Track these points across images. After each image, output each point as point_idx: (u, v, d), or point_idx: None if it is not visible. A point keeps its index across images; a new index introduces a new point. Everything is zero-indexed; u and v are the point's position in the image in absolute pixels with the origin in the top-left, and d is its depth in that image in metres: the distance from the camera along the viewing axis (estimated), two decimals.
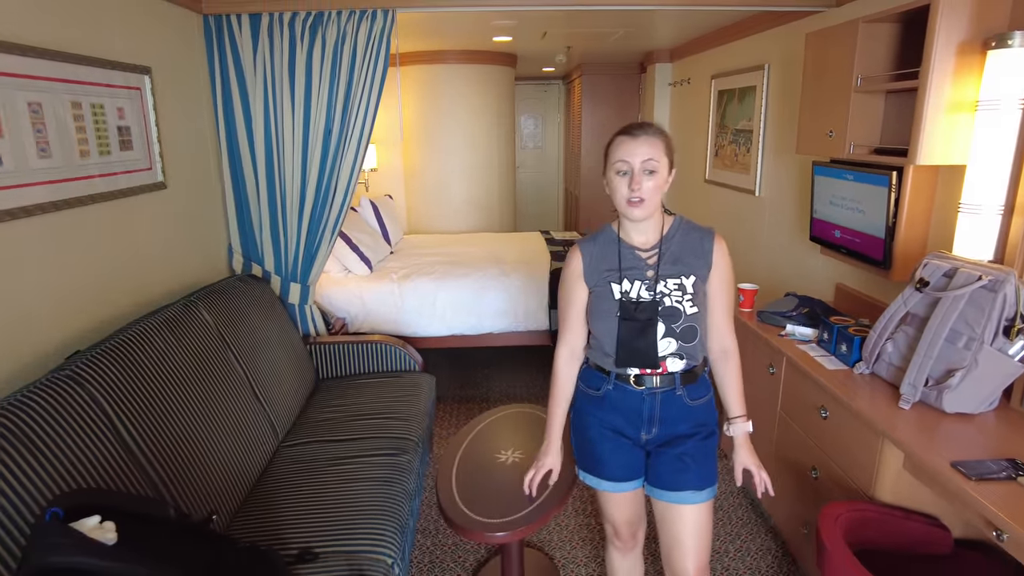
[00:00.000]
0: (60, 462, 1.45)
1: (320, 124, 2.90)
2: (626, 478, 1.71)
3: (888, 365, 2.07)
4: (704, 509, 1.65)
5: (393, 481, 2.10)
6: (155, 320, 2.06)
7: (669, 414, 1.64)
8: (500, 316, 3.71)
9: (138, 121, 2.34)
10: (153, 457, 1.73)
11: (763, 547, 2.52)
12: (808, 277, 3.17)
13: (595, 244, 1.67)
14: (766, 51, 3.61)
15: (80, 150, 2.01)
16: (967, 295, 1.83)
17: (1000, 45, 1.84)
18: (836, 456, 2.07)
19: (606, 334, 1.63)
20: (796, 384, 2.32)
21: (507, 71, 5.78)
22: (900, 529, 1.79)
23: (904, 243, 2.33)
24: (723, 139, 4.21)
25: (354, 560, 1.74)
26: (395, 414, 2.56)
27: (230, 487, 1.97)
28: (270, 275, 3.08)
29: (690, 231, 1.64)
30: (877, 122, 2.40)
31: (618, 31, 4.35)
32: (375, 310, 3.62)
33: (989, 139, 1.92)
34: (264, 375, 2.44)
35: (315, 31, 2.82)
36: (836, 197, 2.66)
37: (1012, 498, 1.46)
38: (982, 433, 1.77)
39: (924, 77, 1.97)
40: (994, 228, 1.96)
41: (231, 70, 2.87)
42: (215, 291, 2.50)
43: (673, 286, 1.58)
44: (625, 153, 1.53)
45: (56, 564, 1.08)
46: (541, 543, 2.56)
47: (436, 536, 2.60)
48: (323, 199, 2.98)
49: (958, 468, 1.57)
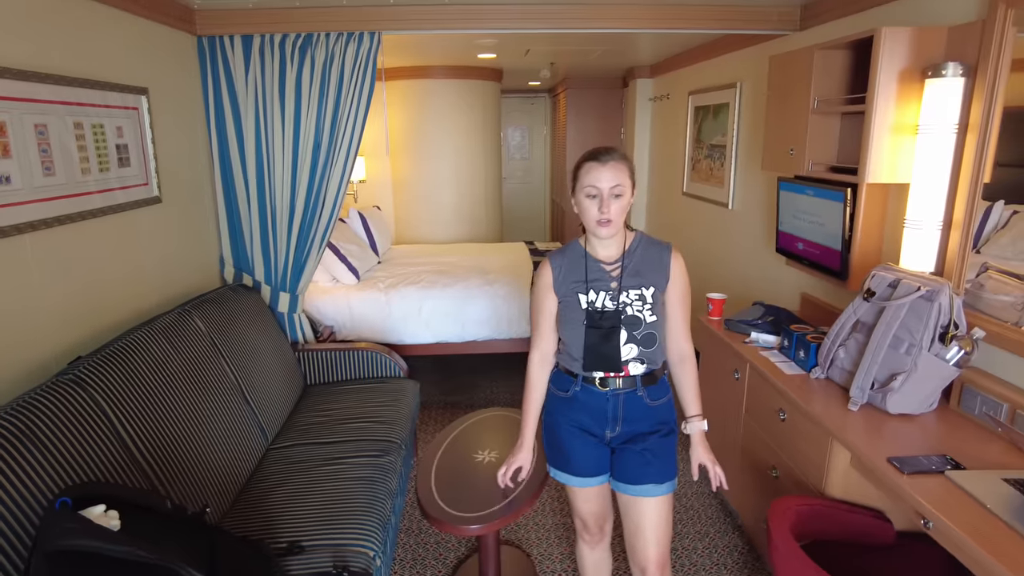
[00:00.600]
0: (64, 458, 1.57)
1: (309, 140, 3.03)
2: (593, 473, 1.84)
3: (841, 370, 2.21)
4: (664, 501, 1.79)
5: (376, 480, 2.22)
6: (152, 328, 2.18)
7: (631, 413, 1.78)
8: (484, 324, 3.84)
9: (136, 139, 2.46)
10: (150, 456, 1.85)
11: (730, 544, 2.65)
12: (776, 287, 3.33)
13: (564, 257, 1.81)
14: (739, 70, 3.78)
15: (81, 168, 2.13)
16: (908, 304, 1.98)
17: (936, 75, 2.00)
18: (793, 456, 2.21)
19: (574, 340, 1.77)
20: (758, 389, 2.46)
21: (492, 85, 5.95)
22: (846, 521, 1.93)
23: (859, 255, 2.48)
24: (699, 153, 4.38)
25: (339, 552, 1.86)
26: (379, 418, 2.68)
27: (222, 485, 2.09)
28: (260, 285, 3.21)
29: (650, 246, 1.78)
30: (833, 141, 2.56)
31: (598, 49, 4.52)
32: (362, 318, 3.75)
33: (928, 160, 2.08)
34: (254, 380, 2.56)
35: (304, 52, 2.95)
36: (799, 211, 2.81)
37: (939, 490, 1.60)
38: (922, 432, 1.92)
39: (870, 101, 2.13)
40: (935, 242, 2.12)
41: (224, 89, 3.00)
42: (208, 300, 2.62)
43: (634, 296, 1.72)
44: (594, 179, 1.66)
45: (66, 546, 1.20)
46: (519, 540, 2.68)
47: (419, 535, 2.71)
48: (312, 211, 3.11)
49: (893, 463, 1.71)
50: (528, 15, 3.01)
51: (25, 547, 1.38)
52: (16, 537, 1.38)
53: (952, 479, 1.63)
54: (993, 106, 1.90)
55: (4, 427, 1.48)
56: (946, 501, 1.55)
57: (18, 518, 1.39)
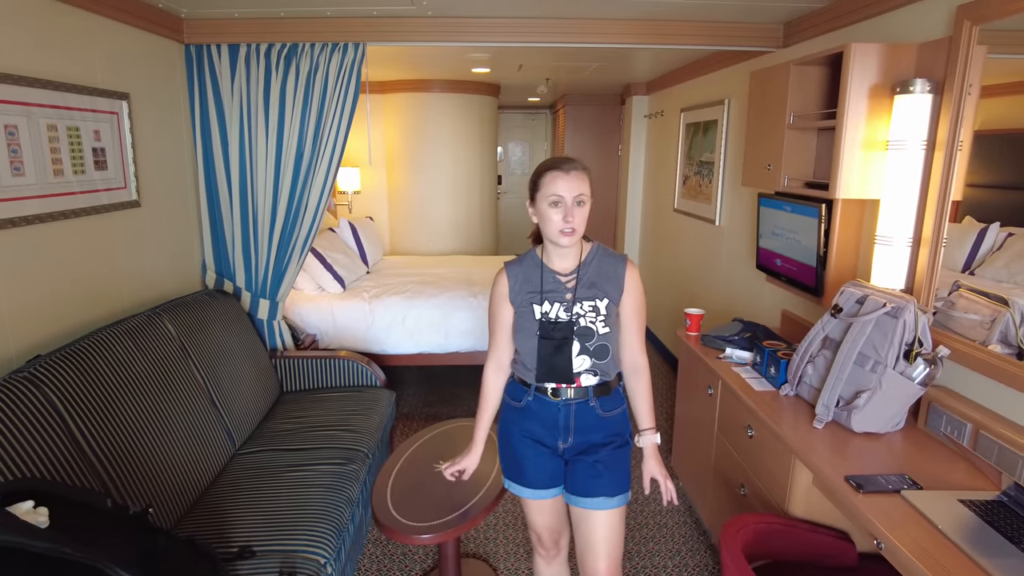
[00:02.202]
0: (10, 456, 1.57)
1: (292, 148, 3.06)
2: (546, 485, 1.82)
3: (809, 387, 2.18)
4: (616, 514, 1.76)
5: (336, 488, 2.20)
6: (117, 329, 2.19)
7: (583, 424, 1.75)
8: (468, 335, 3.83)
9: (114, 143, 2.49)
10: (104, 456, 1.84)
11: (701, 563, 2.61)
12: (758, 303, 3.30)
13: (521, 268, 1.80)
14: (727, 87, 3.78)
15: (54, 169, 2.16)
16: (873, 321, 1.96)
17: (904, 91, 1.99)
18: (759, 473, 2.17)
19: (528, 351, 1.75)
20: (729, 405, 2.43)
21: (490, 100, 5.98)
22: (807, 541, 1.89)
23: (834, 271, 2.46)
24: (690, 170, 4.37)
25: (288, 558, 1.84)
26: (349, 426, 2.67)
27: (180, 488, 2.08)
28: (241, 291, 3.22)
29: (605, 257, 1.77)
30: (810, 157, 2.55)
31: (591, 65, 4.54)
32: (345, 327, 3.75)
33: (898, 176, 2.06)
34: (224, 385, 2.56)
35: (289, 61, 2.99)
36: (778, 227, 2.80)
37: (894, 510, 1.56)
38: (886, 451, 1.88)
39: (840, 116, 2.12)
40: (905, 258, 2.10)
41: (209, 96, 3.03)
42: (181, 304, 2.62)
43: (588, 308, 1.71)
44: (558, 188, 1.64)
45: None
46: (486, 554, 2.65)
47: (386, 546, 2.69)
48: (293, 219, 3.13)
49: (850, 481, 1.68)
50: (514, 28, 3.03)
51: None
52: None
53: (908, 499, 1.60)
54: (960, 122, 1.89)
55: None
56: (899, 522, 1.52)
57: None
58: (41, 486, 1.42)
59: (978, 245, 2.00)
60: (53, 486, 1.46)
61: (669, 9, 2.83)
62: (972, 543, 1.41)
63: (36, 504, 1.32)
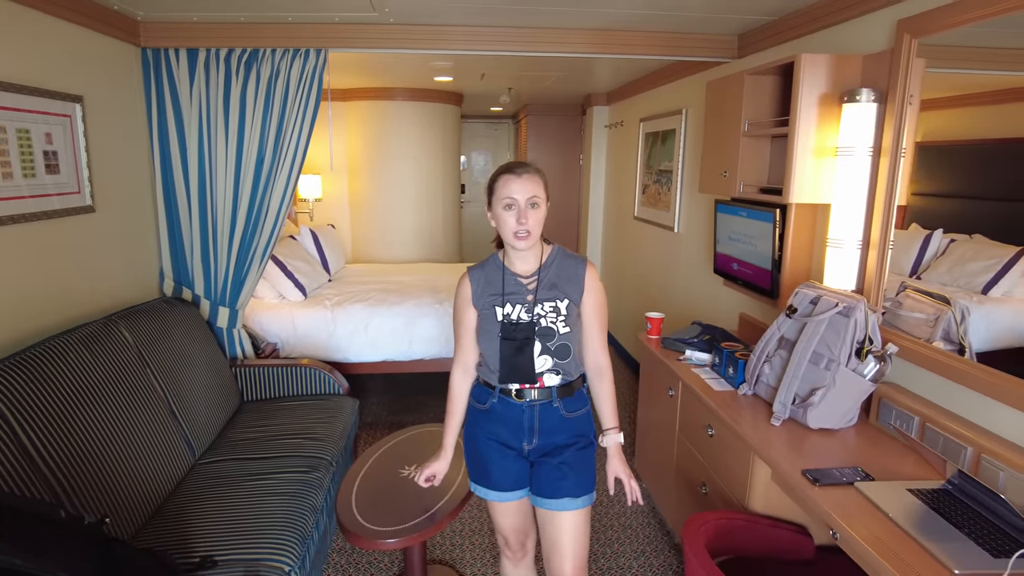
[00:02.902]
0: None
1: (252, 154, 3.02)
2: (512, 488, 1.83)
3: (766, 386, 2.25)
4: (581, 515, 1.78)
5: (300, 496, 2.18)
6: (72, 337, 2.12)
7: (547, 425, 1.77)
8: (432, 342, 3.82)
9: (67, 147, 2.43)
10: (56, 467, 1.79)
11: (665, 563, 2.64)
12: (716, 307, 3.38)
13: (483, 271, 1.81)
14: (684, 97, 3.88)
15: (2, 172, 2.09)
16: (827, 320, 2.03)
17: (851, 100, 2.08)
18: (720, 471, 2.22)
19: (491, 353, 1.77)
20: (690, 405, 2.48)
21: (452, 109, 6.00)
22: (766, 536, 1.94)
23: (789, 274, 2.54)
24: (649, 179, 4.46)
25: (252, 567, 1.81)
26: (313, 434, 2.63)
27: (139, 498, 2.03)
28: (200, 299, 3.15)
29: (566, 259, 1.80)
30: (764, 163, 2.63)
31: (553, 74, 4.60)
32: (306, 335, 3.70)
33: (847, 181, 2.15)
34: (183, 394, 2.50)
35: (250, 67, 2.96)
36: (734, 232, 2.87)
37: (847, 501, 1.62)
38: (841, 446, 1.95)
39: (792, 124, 2.21)
40: (855, 260, 2.19)
41: (167, 100, 2.98)
42: (138, 311, 2.56)
43: (549, 309, 1.73)
44: (511, 191, 1.68)
45: None
46: (453, 560, 2.64)
47: (351, 555, 2.65)
48: (253, 225, 3.09)
49: (806, 475, 1.73)
50: (476, 36, 3.06)
51: None
52: None
53: (861, 490, 1.65)
54: (902, 130, 1.98)
55: None
56: (852, 512, 1.57)
57: None
58: None
59: (923, 251, 2.10)
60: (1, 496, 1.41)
61: (628, 20, 2.90)
62: (920, 529, 1.47)
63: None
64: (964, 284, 1.96)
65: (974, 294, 1.91)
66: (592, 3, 2.62)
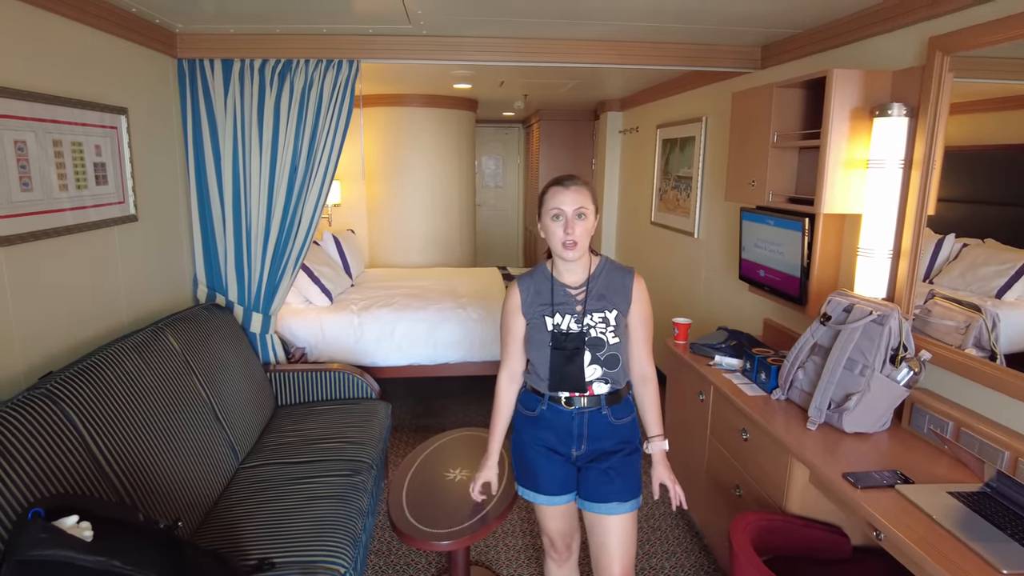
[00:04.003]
0: (34, 471, 1.56)
1: (286, 163, 3.08)
2: (559, 492, 1.89)
3: (800, 391, 2.31)
4: (629, 519, 1.84)
5: (347, 499, 2.23)
6: (125, 344, 2.18)
7: (595, 431, 1.83)
8: (456, 347, 3.88)
9: (113, 158, 2.49)
10: (120, 471, 1.84)
11: (696, 564, 2.70)
12: (739, 313, 3.44)
13: (532, 281, 1.87)
14: (704, 105, 3.95)
15: (59, 184, 2.15)
16: (861, 328, 2.09)
17: (883, 114, 2.15)
18: (755, 474, 2.28)
19: (541, 361, 1.83)
20: (722, 410, 2.54)
21: (468, 115, 6.07)
22: (803, 536, 2.00)
23: (817, 282, 2.60)
24: (667, 184, 4.52)
25: (309, 569, 1.87)
26: (351, 438, 2.69)
27: (192, 501, 2.08)
28: (233, 305, 3.21)
29: (613, 270, 1.86)
30: (792, 173, 2.70)
31: (570, 82, 4.67)
32: (335, 340, 3.76)
33: (878, 193, 2.21)
34: (226, 399, 2.56)
35: (284, 77, 3.02)
36: (760, 240, 2.94)
37: (890, 503, 1.68)
38: (875, 450, 2.01)
39: (824, 138, 2.27)
40: (885, 269, 2.25)
41: (203, 111, 3.04)
42: (181, 319, 2.62)
43: (598, 319, 1.79)
44: (559, 202, 1.74)
45: (38, 557, 1.21)
46: (489, 561, 2.70)
47: (389, 556, 2.71)
48: (287, 233, 3.15)
49: (847, 478, 1.79)
50: (503, 48, 3.12)
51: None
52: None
53: (902, 493, 1.71)
54: (934, 144, 2.04)
55: None
56: (896, 514, 1.63)
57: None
58: (78, 502, 1.44)
59: (936, 256, 2.16)
60: (89, 501, 1.48)
61: (652, 32, 2.97)
62: (964, 530, 1.53)
63: (79, 519, 1.33)
64: (977, 288, 2.03)
65: (988, 298, 1.97)
66: (617, 16, 2.68)
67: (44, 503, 1.33)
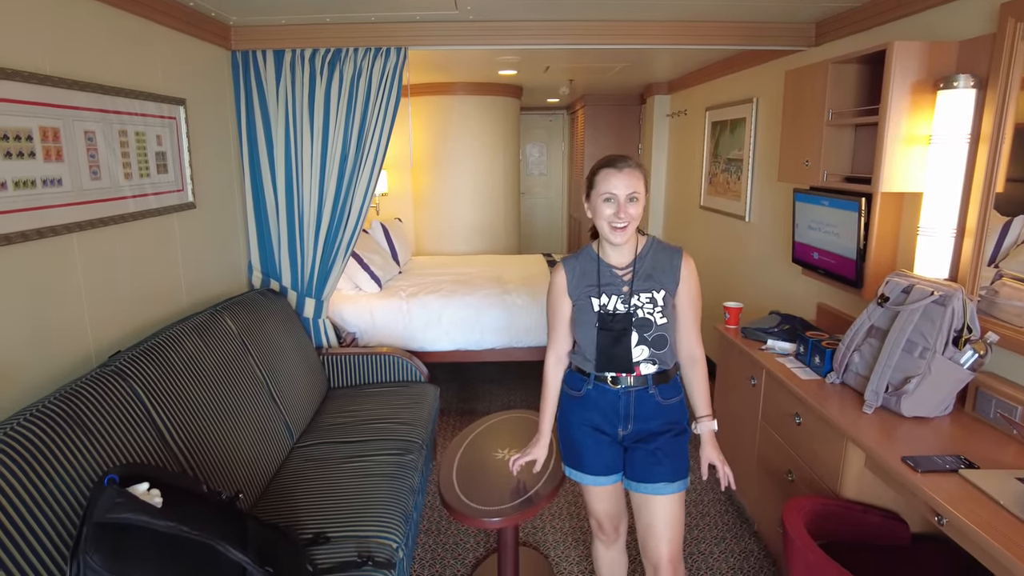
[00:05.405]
0: (106, 442, 1.65)
1: (337, 151, 3.14)
2: (606, 472, 1.89)
3: (855, 375, 2.25)
4: (676, 500, 1.82)
5: (398, 477, 2.28)
6: (186, 326, 2.27)
7: (642, 411, 1.82)
8: (501, 333, 3.91)
9: (173, 147, 2.58)
10: (183, 444, 1.93)
11: (746, 549, 2.67)
12: (792, 297, 3.36)
13: (578, 262, 1.87)
14: (755, 86, 3.85)
15: (124, 173, 2.25)
16: (921, 309, 2.02)
17: (948, 86, 2.06)
18: (808, 459, 2.24)
19: (587, 342, 1.83)
20: (774, 394, 2.50)
21: (513, 102, 6.07)
22: (860, 522, 1.96)
23: (874, 263, 2.52)
24: (716, 168, 4.44)
25: (363, 543, 1.92)
26: (401, 419, 2.75)
27: (250, 477, 2.16)
28: (287, 290, 3.30)
29: (661, 250, 1.83)
30: (848, 152, 2.61)
31: (617, 65, 4.61)
32: (384, 325, 3.83)
33: (941, 170, 2.13)
34: (281, 380, 2.64)
35: (333, 66, 3.07)
36: (814, 221, 2.86)
37: (953, 487, 1.63)
38: (936, 434, 1.94)
39: (883, 113, 2.19)
40: (948, 249, 2.16)
41: (255, 100, 3.12)
42: (238, 303, 2.71)
43: (645, 300, 1.78)
44: (612, 185, 1.72)
45: (115, 520, 1.27)
46: (537, 542, 2.72)
47: (438, 536, 2.76)
48: (338, 220, 3.21)
49: (907, 462, 1.74)
50: (550, 31, 3.11)
51: (69, 517, 1.46)
52: (64, 508, 1.46)
53: (966, 477, 1.66)
54: (1005, 116, 1.95)
55: (53, 412, 1.57)
56: (960, 498, 1.58)
57: (64, 493, 1.47)
58: (148, 470, 1.51)
59: (1003, 238, 2.06)
60: (157, 471, 1.55)
61: (702, 10, 2.90)
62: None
63: (149, 487, 1.40)
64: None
65: None
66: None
67: (118, 471, 1.40)
